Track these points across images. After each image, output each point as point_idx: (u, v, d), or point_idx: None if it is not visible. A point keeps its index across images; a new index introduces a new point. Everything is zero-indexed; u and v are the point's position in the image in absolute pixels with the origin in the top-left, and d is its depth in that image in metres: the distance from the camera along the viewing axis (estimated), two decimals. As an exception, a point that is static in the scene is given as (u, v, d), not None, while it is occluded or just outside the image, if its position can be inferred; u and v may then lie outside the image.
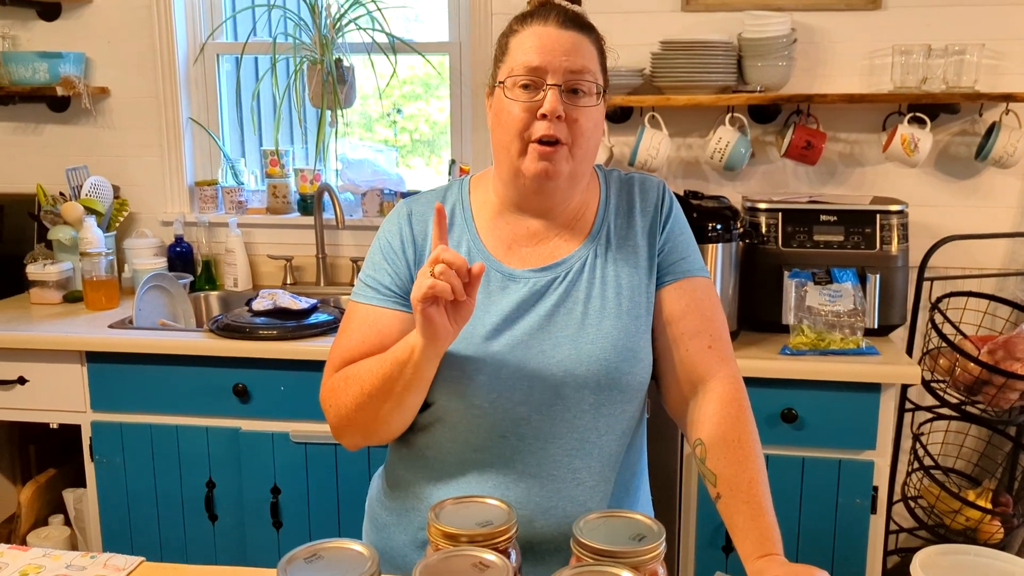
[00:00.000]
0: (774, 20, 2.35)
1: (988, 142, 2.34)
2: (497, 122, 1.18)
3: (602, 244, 1.23)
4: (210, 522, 2.30)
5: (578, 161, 1.18)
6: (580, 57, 1.15)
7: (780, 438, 2.05)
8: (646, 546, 0.90)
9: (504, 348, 1.16)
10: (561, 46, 1.15)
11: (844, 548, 2.09)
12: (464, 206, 1.27)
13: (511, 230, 1.24)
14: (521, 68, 1.15)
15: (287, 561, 0.87)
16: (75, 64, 2.76)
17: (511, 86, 1.16)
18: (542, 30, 1.16)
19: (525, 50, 1.15)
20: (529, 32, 1.17)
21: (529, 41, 1.16)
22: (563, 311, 1.18)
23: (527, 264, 1.22)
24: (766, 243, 2.26)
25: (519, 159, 1.16)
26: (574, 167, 1.17)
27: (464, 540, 0.91)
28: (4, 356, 2.30)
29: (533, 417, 1.16)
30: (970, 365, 2.16)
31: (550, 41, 1.15)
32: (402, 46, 2.69)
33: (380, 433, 1.19)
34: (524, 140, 1.15)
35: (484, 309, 1.18)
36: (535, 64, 1.14)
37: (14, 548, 1.23)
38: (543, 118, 1.13)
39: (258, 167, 2.95)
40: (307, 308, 2.32)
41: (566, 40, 1.15)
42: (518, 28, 1.19)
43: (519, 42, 1.17)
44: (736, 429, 1.15)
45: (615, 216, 1.25)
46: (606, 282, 1.20)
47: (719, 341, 1.22)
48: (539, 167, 1.15)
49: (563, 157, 1.16)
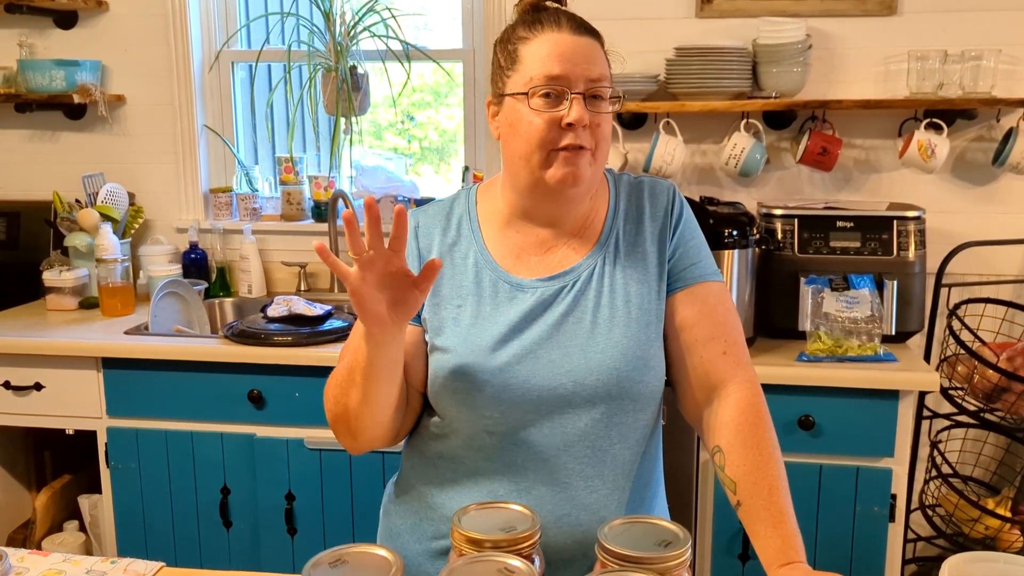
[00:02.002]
0: (789, 26, 2.35)
1: (1005, 148, 2.33)
2: (513, 133, 1.16)
3: (611, 252, 1.22)
4: (225, 528, 2.30)
5: (599, 165, 1.18)
6: (598, 64, 1.15)
7: (797, 445, 2.04)
8: (672, 552, 0.90)
9: (512, 359, 1.15)
10: (580, 53, 1.13)
11: (862, 556, 2.07)
12: (471, 217, 1.25)
13: (520, 239, 1.23)
14: (541, 78, 1.12)
15: (312, 566, 0.87)
16: (91, 72, 2.77)
17: (532, 96, 1.13)
18: (557, 37, 1.14)
19: (543, 59, 1.13)
20: (544, 40, 1.14)
21: (546, 49, 1.13)
22: (572, 320, 1.17)
23: (535, 273, 1.21)
24: (782, 249, 2.25)
25: (542, 169, 1.15)
26: (595, 171, 1.17)
27: (488, 545, 0.91)
28: (20, 362, 2.31)
29: (544, 426, 1.15)
30: (988, 372, 2.15)
31: (568, 49, 1.13)
32: (416, 53, 2.70)
33: (363, 432, 1.17)
34: (547, 150, 1.14)
35: (491, 320, 1.17)
36: (556, 73, 1.12)
37: (34, 553, 1.23)
38: (568, 127, 1.12)
39: (272, 174, 2.96)
40: (322, 314, 2.32)
41: (583, 47, 1.14)
42: (528, 35, 1.15)
43: (534, 50, 1.14)
44: (755, 435, 1.14)
45: (624, 222, 1.24)
46: (615, 290, 1.19)
47: (734, 346, 1.20)
48: (564, 172, 1.14)
49: (587, 162, 1.15)
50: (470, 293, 1.20)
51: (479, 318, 1.18)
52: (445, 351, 1.17)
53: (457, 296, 1.20)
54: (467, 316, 1.18)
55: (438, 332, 1.19)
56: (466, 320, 1.18)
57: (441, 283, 1.21)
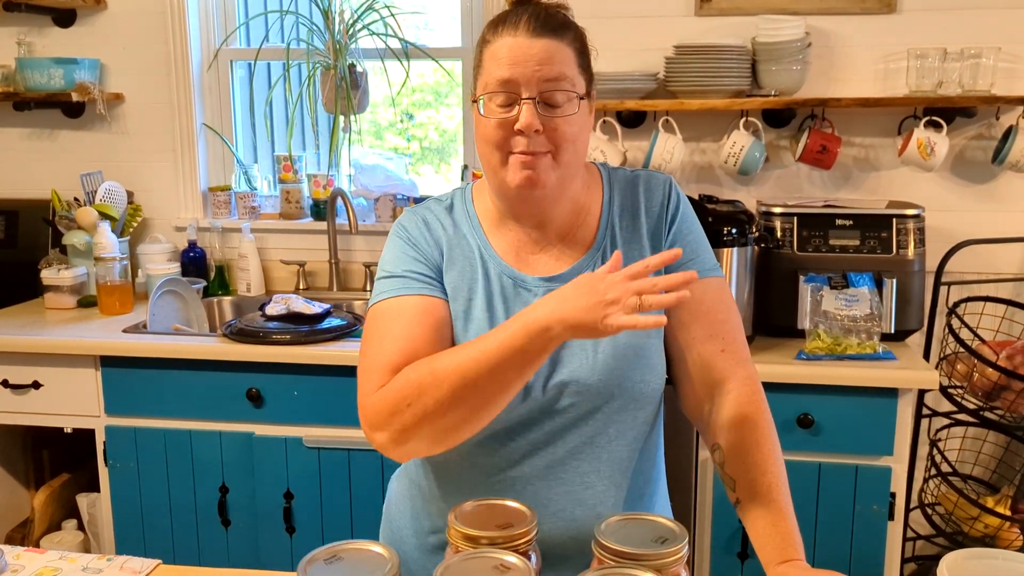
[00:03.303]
0: (788, 24, 2.34)
1: (1005, 146, 2.32)
2: (478, 135, 1.16)
3: (608, 250, 1.21)
4: (223, 527, 2.29)
5: (564, 167, 1.15)
6: (554, 65, 1.11)
7: (796, 444, 2.04)
8: (669, 549, 0.89)
9: None
10: (533, 56, 1.10)
11: (861, 555, 2.07)
12: (470, 213, 1.25)
13: (514, 237, 1.22)
14: (494, 83, 1.11)
15: (307, 562, 0.86)
16: (90, 70, 2.77)
17: (486, 102, 1.13)
18: (512, 41, 1.11)
19: (498, 63, 1.11)
20: (500, 44, 1.12)
21: (501, 53, 1.11)
22: None
23: (537, 271, 1.20)
24: (781, 248, 2.24)
25: (502, 170, 1.14)
26: (561, 173, 1.15)
27: (484, 542, 0.91)
28: (19, 360, 2.31)
29: (545, 424, 1.16)
30: (988, 371, 2.14)
31: (520, 52, 1.10)
32: (415, 51, 2.69)
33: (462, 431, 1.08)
34: (504, 152, 1.13)
35: (496, 317, 1.17)
36: (506, 77, 1.10)
37: (31, 551, 1.23)
38: (520, 133, 1.11)
39: (271, 172, 2.96)
40: (321, 313, 2.32)
41: (537, 49, 1.10)
42: (490, 38, 1.14)
43: (492, 54, 1.13)
44: (754, 433, 1.14)
45: (619, 218, 1.23)
46: None
47: (733, 343, 1.19)
48: (522, 176, 1.12)
49: (547, 166, 1.13)
50: (480, 287, 1.19)
51: (489, 311, 1.17)
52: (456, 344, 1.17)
53: (468, 289, 1.20)
54: (479, 309, 1.18)
55: None
56: (478, 313, 1.18)
57: (452, 275, 1.21)
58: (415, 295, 1.16)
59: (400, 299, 1.17)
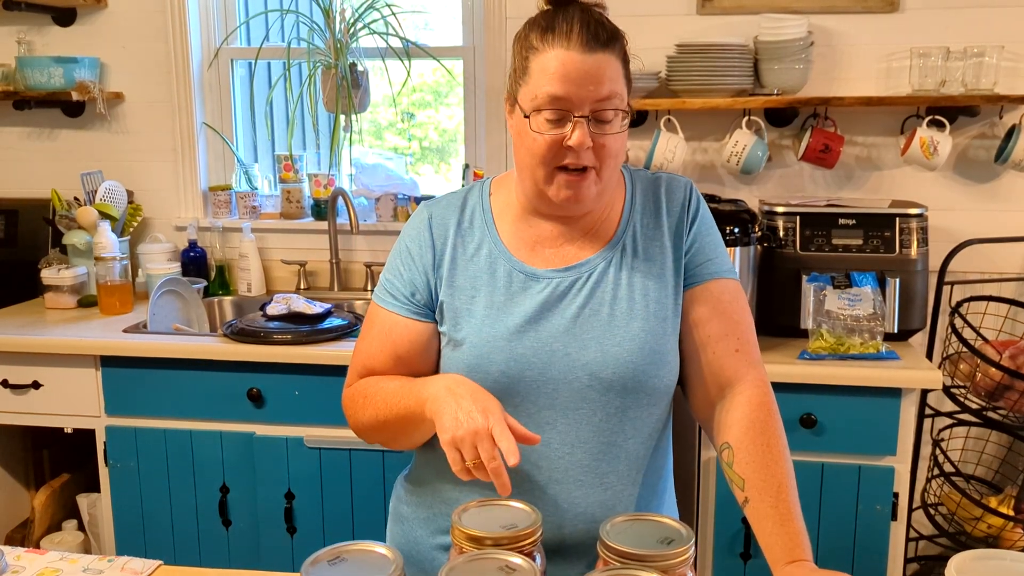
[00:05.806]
0: (790, 23, 2.34)
1: (1008, 145, 2.32)
2: (520, 143, 1.16)
3: (628, 246, 1.21)
4: (224, 527, 2.29)
5: (605, 181, 1.16)
6: (606, 83, 1.10)
7: (799, 444, 2.03)
8: (674, 550, 0.89)
9: (528, 351, 1.15)
10: (587, 74, 1.08)
11: (864, 555, 2.06)
12: (485, 208, 1.25)
13: (534, 232, 1.23)
14: (545, 99, 1.09)
15: (310, 563, 0.86)
16: (90, 69, 2.76)
17: (535, 117, 1.11)
18: (565, 55, 1.08)
19: (549, 78, 1.09)
20: (551, 56, 1.09)
21: (552, 66, 1.09)
22: (588, 313, 1.17)
23: (549, 264, 1.20)
24: (784, 247, 2.24)
25: (545, 184, 1.15)
26: (601, 188, 1.16)
27: (489, 543, 0.90)
28: (19, 360, 2.30)
29: (559, 421, 1.16)
30: (991, 370, 2.14)
31: (574, 68, 1.08)
32: (416, 51, 2.69)
33: (398, 448, 1.25)
34: (550, 167, 1.13)
35: (506, 310, 1.17)
36: (560, 95, 1.09)
37: (31, 551, 1.22)
38: (569, 149, 1.11)
39: (272, 172, 2.95)
40: (321, 312, 2.31)
41: (591, 66, 1.09)
42: (539, 46, 1.11)
43: (541, 66, 1.10)
44: (764, 434, 1.14)
45: (641, 216, 1.23)
46: (632, 285, 1.19)
47: (747, 345, 1.21)
48: (567, 194, 1.14)
49: (591, 181, 1.14)
50: (484, 284, 1.19)
51: (492, 308, 1.18)
52: (460, 343, 1.18)
53: (471, 287, 1.20)
54: (480, 307, 1.18)
55: (454, 324, 1.19)
56: (480, 311, 1.18)
57: (455, 274, 1.21)
58: (388, 311, 1.23)
59: (379, 309, 1.25)
